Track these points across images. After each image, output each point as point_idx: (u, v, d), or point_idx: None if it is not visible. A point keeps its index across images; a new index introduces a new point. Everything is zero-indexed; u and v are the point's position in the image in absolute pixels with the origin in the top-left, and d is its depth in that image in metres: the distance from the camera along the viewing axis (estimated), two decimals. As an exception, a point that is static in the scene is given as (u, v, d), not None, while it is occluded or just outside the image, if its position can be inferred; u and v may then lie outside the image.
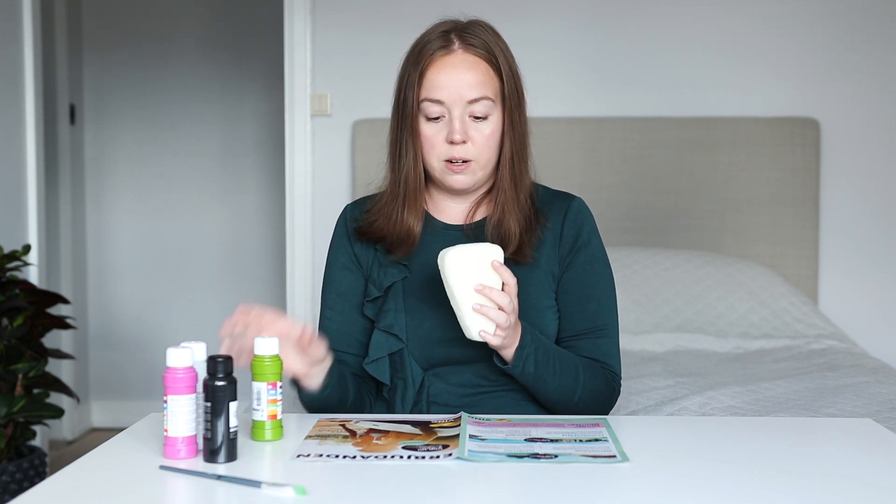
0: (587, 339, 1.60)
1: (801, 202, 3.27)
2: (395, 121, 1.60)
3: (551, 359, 1.52)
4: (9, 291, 2.81)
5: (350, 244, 1.66)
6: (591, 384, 1.56)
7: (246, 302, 1.47)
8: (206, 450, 1.24)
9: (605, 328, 1.61)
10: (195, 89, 4.29)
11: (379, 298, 1.61)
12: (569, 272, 1.61)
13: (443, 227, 1.64)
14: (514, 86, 1.58)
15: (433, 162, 1.57)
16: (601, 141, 3.32)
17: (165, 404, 1.25)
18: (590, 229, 1.64)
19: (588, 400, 1.55)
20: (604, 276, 1.63)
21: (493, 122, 1.56)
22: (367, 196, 1.70)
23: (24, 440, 2.90)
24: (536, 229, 1.60)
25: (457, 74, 1.53)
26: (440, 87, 1.53)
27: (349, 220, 1.67)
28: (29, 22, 3.32)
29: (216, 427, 1.23)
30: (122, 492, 1.16)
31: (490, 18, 1.63)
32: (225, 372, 1.24)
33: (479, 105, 1.54)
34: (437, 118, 1.55)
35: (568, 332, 1.61)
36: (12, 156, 3.29)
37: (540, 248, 1.60)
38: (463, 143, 1.55)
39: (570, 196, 1.66)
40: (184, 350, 1.25)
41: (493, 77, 1.56)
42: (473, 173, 1.57)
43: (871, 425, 1.46)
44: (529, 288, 1.56)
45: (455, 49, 1.55)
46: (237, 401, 1.25)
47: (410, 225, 1.59)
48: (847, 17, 3.32)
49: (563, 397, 1.54)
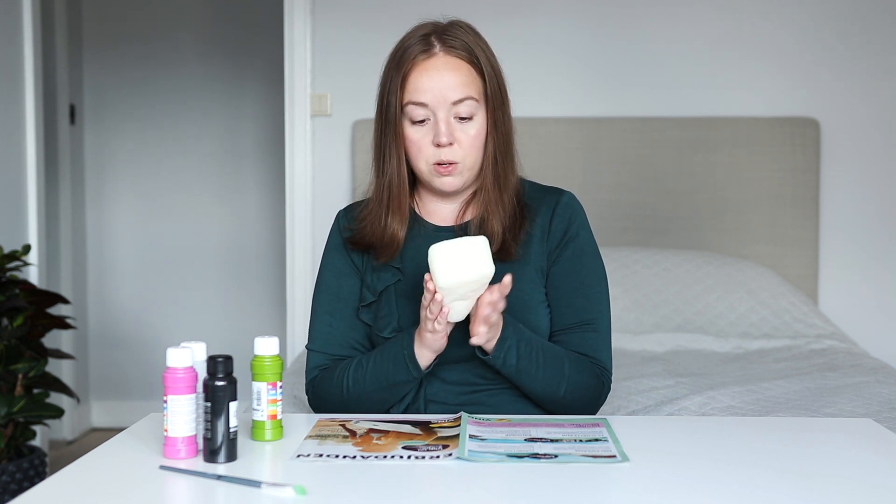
0: (575, 334, 1.60)
1: (801, 202, 3.27)
2: (378, 125, 1.61)
3: (534, 351, 1.53)
4: (9, 291, 2.81)
5: (345, 249, 1.67)
6: (578, 377, 1.56)
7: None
8: (206, 450, 1.24)
9: (594, 322, 1.61)
10: (195, 89, 4.29)
11: (374, 303, 1.61)
12: (556, 266, 1.61)
13: (434, 230, 1.64)
14: (496, 85, 1.58)
15: (421, 165, 1.58)
16: (601, 141, 3.32)
17: (165, 404, 1.25)
18: (579, 223, 1.63)
19: (574, 393, 1.55)
20: (593, 269, 1.63)
21: (477, 122, 1.57)
22: (357, 202, 1.71)
23: (24, 440, 2.90)
24: (524, 226, 1.60)
25: (439, 76, 1.54)
26: (423, 90, 1.54)
27: (342, 228, 1.68)
28: (29, 22, 3.32)
29: (216, 427, 1.23)
30: (121, 492, 1.16)
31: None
32: (225, 372, 1.24)
33: (464, 105, 1.54)
34: (423, 121, 1.55)
35: (557, 325, 1.61)
36: (12, 156, 3.29)
37: (528, 244, 1.61)
38: (450, 146, 1.55)
39: (560, 191, 1.66)
40: (184, 350, 1.25)
41: (475, 77, 1.56)
42: (461, 174, 1.58)
43: (871, 425, 1.46)
44: (519, 284, 1.57)
45: (436, 52, 1.55)
46: (237, 401, 1.25)
47: (395, 230, 1.60)
48: (847, 17, 3.32)
49: (548, 390, 1.54)
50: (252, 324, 4.21)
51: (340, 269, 1.66)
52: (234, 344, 3.33)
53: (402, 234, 1.60)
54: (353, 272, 1.65)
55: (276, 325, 4.13)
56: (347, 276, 1.65)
